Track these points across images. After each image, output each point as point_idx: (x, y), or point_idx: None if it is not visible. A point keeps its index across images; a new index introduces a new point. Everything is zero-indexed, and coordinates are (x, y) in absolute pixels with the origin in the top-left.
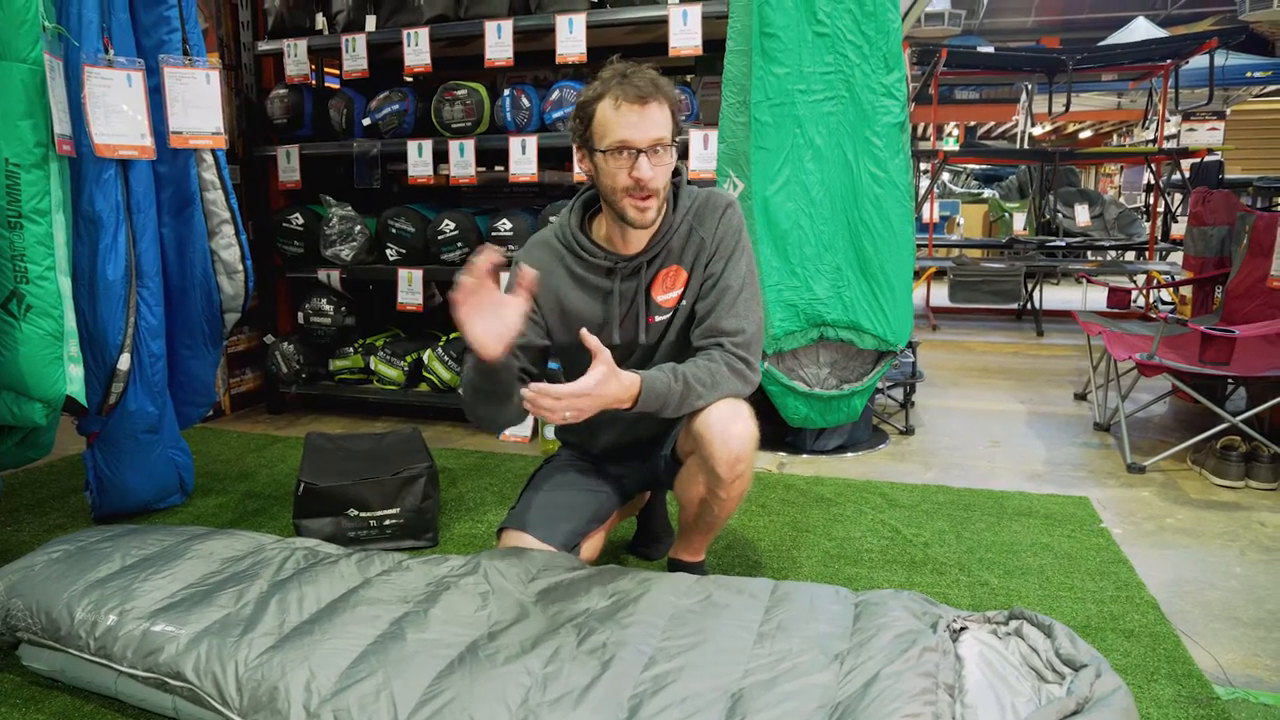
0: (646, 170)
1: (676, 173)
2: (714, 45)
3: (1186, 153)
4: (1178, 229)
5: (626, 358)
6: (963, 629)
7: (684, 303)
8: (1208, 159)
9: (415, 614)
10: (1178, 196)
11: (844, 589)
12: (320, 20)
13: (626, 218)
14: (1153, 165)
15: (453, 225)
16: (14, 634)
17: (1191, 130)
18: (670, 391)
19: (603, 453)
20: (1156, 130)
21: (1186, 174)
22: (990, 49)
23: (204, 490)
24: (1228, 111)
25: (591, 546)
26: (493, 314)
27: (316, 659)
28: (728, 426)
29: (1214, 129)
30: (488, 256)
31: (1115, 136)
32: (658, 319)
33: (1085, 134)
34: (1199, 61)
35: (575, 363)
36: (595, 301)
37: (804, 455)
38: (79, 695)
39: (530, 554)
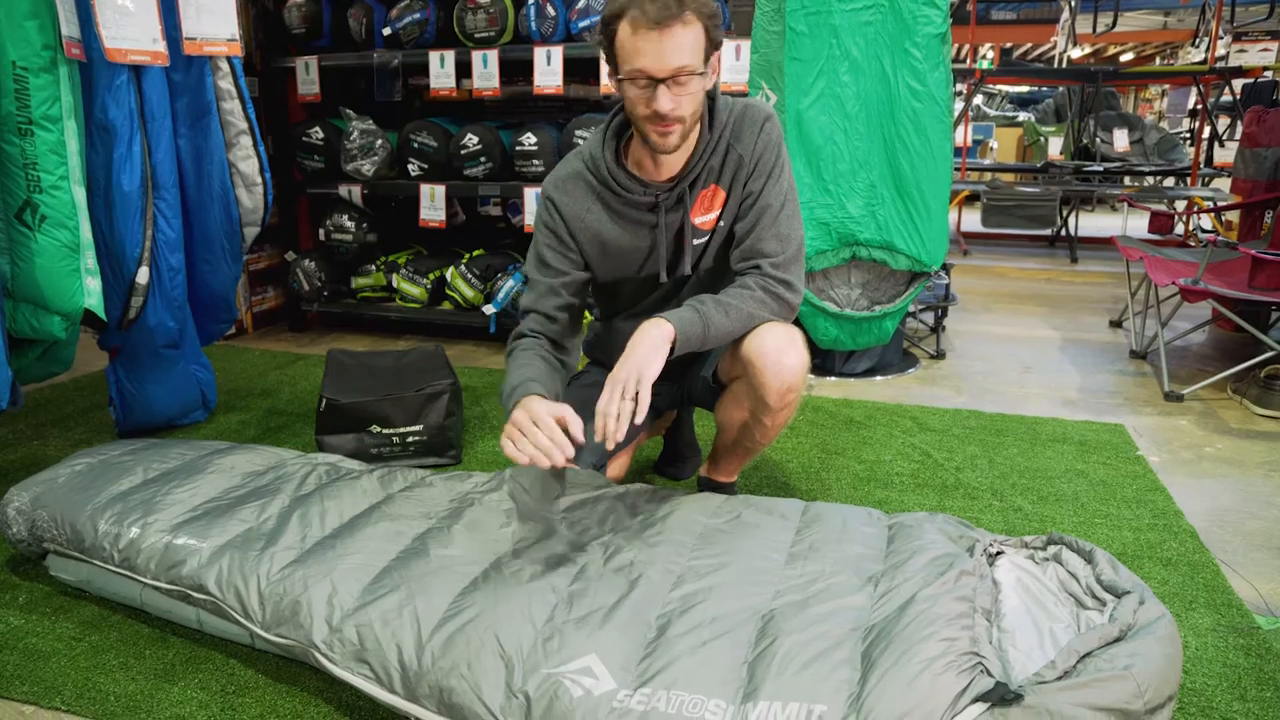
0: (665, 103)
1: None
2: None
3: (1240, 71)
4: (1223, 155)
5: (670, 287)
6: (999, 553)
7: (722, 223)
8: (1261, 79)
9: (439, 530)
10: (1224, 120)
11: (877, 511)
12: None
13: (650, 142)
14: (1201, 87)
15: (476, 140)
16: (40, 544)
17: (1242, 51)
18: (708, 332)
19: None
20: (1208, 50)
21: (1237, 96)
22: None
23: (227, 407)
24: None
25: (618, 466)
26: None
27: (339, 574)
28: (781, 357)
29: (1266, 49)
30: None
31: (1159, 59)
32: (696, 242)
33: (1127, 57)
34: None
35: (615, 295)
36: (640, 236)
37: (832, 378)
38: (106, 605)
39: (555, 472)
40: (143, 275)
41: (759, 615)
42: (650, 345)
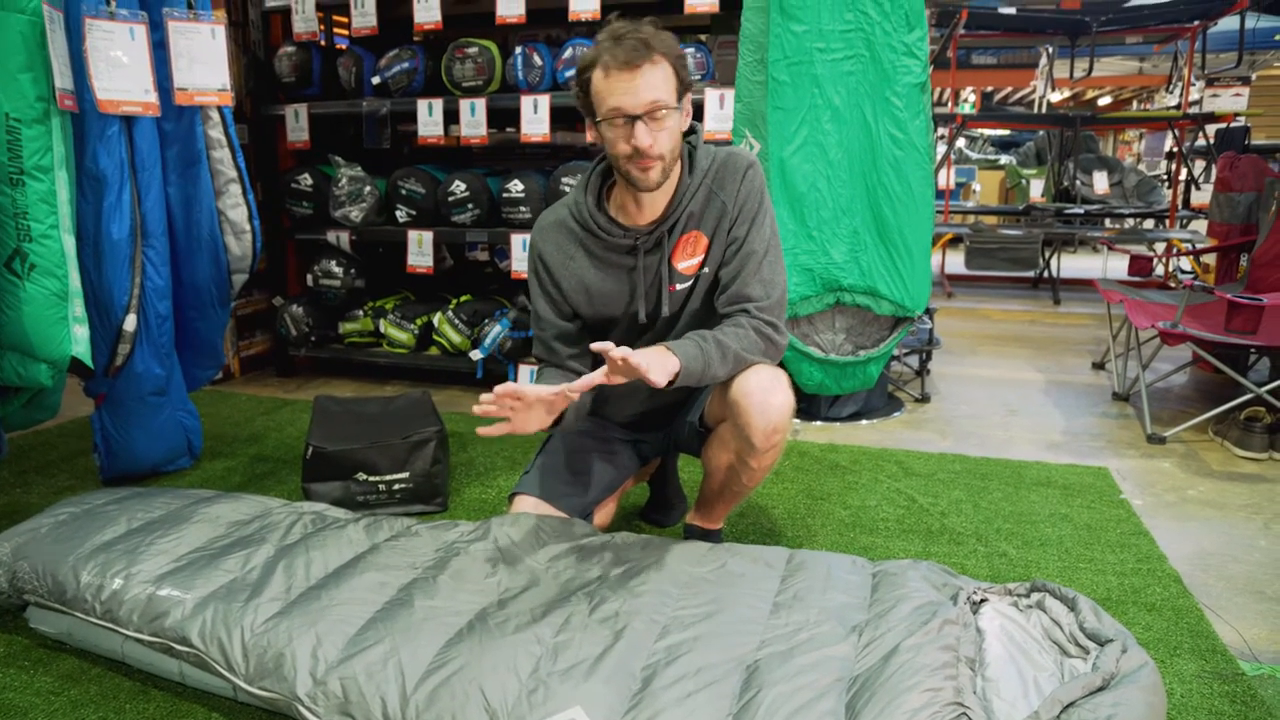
0: (644, 138)
1: (692, 130)
2: (731, 2)
3: (1213, 117)
4: (1199, 197)
5: (651, 330)
6: (983, 601)
7: (705, 269)
8: (1233, 124)
9: (424, 580)
10: (1200, 163)
11: (861, 558)
12: None
13: (632, 180)
14: (1176, 131)
15: (463, 186)
16: (21, 596)
17: (1215, 96)
18: (707, 369)
19: (624, 421)
20: (1181, 95)
21: (1211, 140)
22: (1012, 10)
23: (212, 453)
24: (1253, 76)
25: (604, 513)
26: (535, 413)
27: (324, 626)
28: (767, 397)
29: (1238, 94)
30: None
31: (1135, 103)
32: (679, 287)
33: (1104, 100)
34: (1226, 24)
35: (603, 338)
36: (620, 280)
37: (818, 422)
38: (86, 658)
39: (542, 520)
40: (130, 323)
41: (744, 666)
42: (654, 360)
